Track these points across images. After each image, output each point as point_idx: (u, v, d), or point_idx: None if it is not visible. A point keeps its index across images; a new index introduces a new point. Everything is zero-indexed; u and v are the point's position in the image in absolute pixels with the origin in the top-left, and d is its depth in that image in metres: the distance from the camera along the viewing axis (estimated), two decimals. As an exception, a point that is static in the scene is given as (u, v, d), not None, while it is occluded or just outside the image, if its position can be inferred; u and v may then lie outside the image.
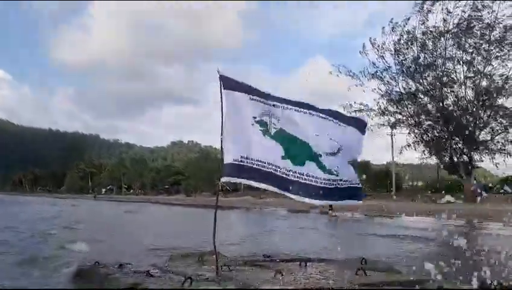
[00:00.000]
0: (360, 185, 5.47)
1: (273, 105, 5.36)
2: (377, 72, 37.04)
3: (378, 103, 38.04)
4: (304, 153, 5.31)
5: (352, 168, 5.52)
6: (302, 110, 5.40)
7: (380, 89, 37.56)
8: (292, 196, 5.28)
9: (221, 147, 5.26)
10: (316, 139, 5.34)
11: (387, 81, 37.32)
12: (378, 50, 36.38)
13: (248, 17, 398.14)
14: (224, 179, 5.32)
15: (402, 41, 35.78)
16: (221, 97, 5.31)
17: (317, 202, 5.38)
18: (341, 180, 5.34)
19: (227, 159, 5.22)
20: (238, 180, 5.37)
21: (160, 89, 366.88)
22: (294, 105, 5.43)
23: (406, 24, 35.15)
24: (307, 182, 5.23)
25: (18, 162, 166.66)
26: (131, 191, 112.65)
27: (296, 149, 5.31)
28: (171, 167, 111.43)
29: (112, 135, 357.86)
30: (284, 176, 5.21)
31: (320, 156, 5.31)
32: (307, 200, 5.31)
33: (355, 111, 37.45)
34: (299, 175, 5.22)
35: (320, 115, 5.43)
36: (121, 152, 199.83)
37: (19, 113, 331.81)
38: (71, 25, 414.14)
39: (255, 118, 5.30)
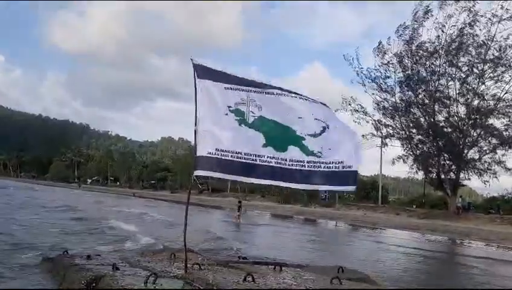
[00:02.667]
0: (352, 169, 5.14)
1: (254, 91, 5.16)
2: (376, 77, 36.95)
3: (374, 110, 38.10)
4: (287, 138, 5.13)
5: (348, 147, 5.23)
6: (284, 93, 5.22)
7: (376, 97, 37.57)
8: (276, 183, 5.12)
9: (195, 139, 5.03)
10: (299, 122, 5.16)
11: (385, 90, 37.31)
12: (382, 56, 36.19)
13: (249, 17, 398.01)
14: (197, 173, 5.08)
15: (397, 56, 35.83)
16: (195, 87, 5.10)
17: (304, 187, 5.29)
18: (326, 162, 5.10)
19: (201, 151, 4.98)
20: (212, 174, 5.13)
21: (154, 82, 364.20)
22: (277, 89, 5.25)
23: (403, 36, 35.21)
24: (292, 167, 5.04)
25: (3, 146, 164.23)
26: (118, 183, 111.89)
27: (279, 135, 5.13)
28: (159, 163, 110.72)
29: (102, 125, 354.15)
30: (266, 164, 5.00)
31: (304, 139, 5.14)
32: (292, 185, 5.19)
33: (351, 110, 37.64)
34: (281, 161, 5.03)
35: (303, 96, 5.26)
36: (110, 144, 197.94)
37: (8, 96, 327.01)
38: (68, 9, 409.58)
39: (229, 107, 5.07)
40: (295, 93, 5.30)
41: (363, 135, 37.98)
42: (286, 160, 5.06)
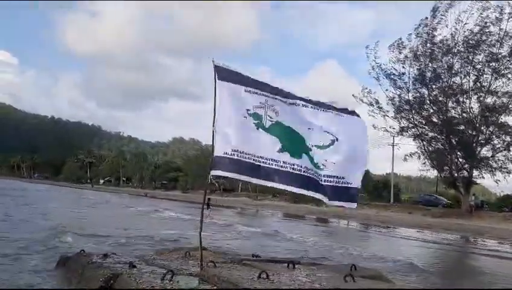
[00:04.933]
0: (354, 186, 5.21)
1: (272, 97, 5.23)
2: (391, 73, 36.76)
3: (388, 106, 37.92)
4: (301, 145, 5.21)
5: (353, 164, 5.28)
6: (298, 102, 5.30)
7: (390, 94, 37.39)
8: (287, 188, 5.17)
9: (213, 139, 5.10)
10: (309, 133, 5.24)
11: (399, 86, 37.14)
12: (398, 52, 35.95)
13: (263, 17, 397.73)
14: (213, 173, 5.15)
15: (412, 51, 35.57)
16: (215, 88, 5.16)
17: (315, 195, 5.23)
18: (330, 175, 5.17)
19: (218, 151, 5.06)
20: (228, 174, 5.19)
21: (166, 82, 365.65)
22: (292, 98, 5.33)
23: (421, 34, 35.01)
24: (305, 174, 5.12)
25: (17, 148, 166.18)
26: (130, 183, 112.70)
27: (294, 142, 5.20)
28: (170, 163, 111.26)
29: (114, 126, 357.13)
30: (280, 169, 5.07)
31: (311, 149, 5.23)
32: (303, 191, 5.21)
33: (367, 103, 37.51)
34: (297, 166, 5.10)
35: (317, 106, 5.33)
36: (122, 145, 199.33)
37: (22, 99, 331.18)
38: (81, 11, 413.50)
39: (248, 110, 5.14)
40: (309, 102, 5.34)
41: (374, 126, 37.98)
42: (301, 166, 5.12)
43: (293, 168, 5.10)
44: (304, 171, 5.12)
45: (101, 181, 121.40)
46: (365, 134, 5.53)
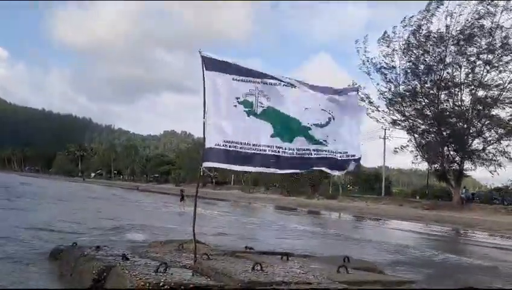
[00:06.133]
0: (356, 157, 5.42)
1: (262, 82, 5.24)
2: (382, 67, 36.89)
3: (379, 100, 38.14)
4: (294, 128, 5.27)
5: (352, 138, 5.50)
6: (293, 85, 5.33)
7: (381, 88, 37.56)
8: (283, 172, 5.33)
9: (204, 131, 5.07)
10: (305, 113, 5.30)
11: (389, 80, 37.29)
12: (388, 45, 36.02)
13: (258, 11, 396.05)
14: (206, 165, 5.14)
15: (405, 44, 35.68)
16: (203, 79, 5.14)
17: (310, 169, 5.62)
18: (332, 151, 5.35)
19: (210, 143, 5.04)
20: (221, 165, 5.18)
21: (158, 76, 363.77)
22: (285, 81, 5.34)
23: (410, 26, 35.09)
24: (299, 155, 5.25)
25: (8, 141, 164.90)
26: (121, 177, 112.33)
27: (286, 126, 5.25)
28: (162, 156, 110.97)
29: (105, 119, 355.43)
30: (274, 154, 5.15)
31: (310, 128, 5.30)
32: (297, 171, 5.48)
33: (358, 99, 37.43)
34: (289, 150, 5.21)
35: (311, 90, 5.37)
36: (113, 138, 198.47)
37: (12, 91, 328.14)
38: (73, 3, 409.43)
39: (238, 98, 5.13)
40: (303, 83, 5.38)
41: (368, 114, 38.05)
42: (293, 149, 5.21)
43: (285, 152, 5.18)
44: (297, 154, 5.23)
45: (92, 174, 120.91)
46: (358, 108, 5.71)
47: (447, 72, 35.52)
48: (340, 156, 5.40)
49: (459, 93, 35.56)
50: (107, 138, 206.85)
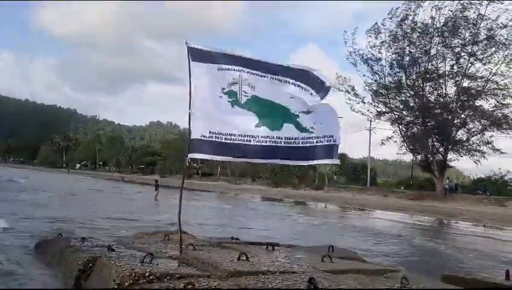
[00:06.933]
0: (335, 143, 5.28)
1: (247, 71, 5.18)
2: (369, 59, 37.10)
3: (365, 91, 38.44)
4: (282, 115, 5.21)
5: (334, 122, 5.37)
6: (275, 76, 5.24)
7: (368, 79, 37.83)
8: (271, 162, 5.39)
9: (189, 122, 5.08)
10: (291, 101, 5.23)
11: (376, 71, 37.56)
12: (376, 36, 36.20)
13: (248, 2, 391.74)
14: (191, 156, 5.15)
15: (391, 36, 35.90)
16: (189, 70, 5.13)
17: (298, 163, 5.42)
18: (317, 137, 5.25)
19: (195, 134, 5.04)
20: (206, 156, 5.18)
21: (144, 66, 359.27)
22: (269, 69, 5.25)
23: (396, 17, 35.28)
24: (287, 145, 5.17)
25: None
26: (106, 168, 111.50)
27: (273, 114, 5.20)
28: (147, 147, 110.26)
29: (90, 110, 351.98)
30: (261, 144, 5.10)
31: (298, 116, 5.23)
32: (287, 162, 5.42)
33: (343, 91, 38.06)
34: (277, 139, 5.14)
35: (291, 81, 5.27)
36: (98, 129, 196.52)
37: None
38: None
39: (223, 89, 5.11)
40: (283, 72, 5.29)
41: (352, 108, 38.46)
42: (281, 138, 5.15)
43: (272, 141, 5.13)
44: (285, 143, 5.16)
45: (77, 165, 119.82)
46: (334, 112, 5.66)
47: (432, 64, 35.86)
48: (327, 141, 5.29)
49: (444, 84, 35.97)
50: (92, 128, 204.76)
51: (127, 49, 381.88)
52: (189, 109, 5.03)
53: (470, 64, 34.32)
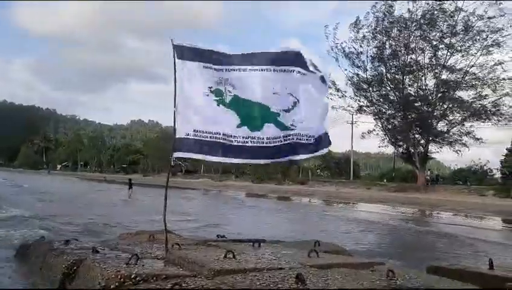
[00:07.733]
0: (325, 132, 5.35)
1: (228, 70, 5.13)
2: (350, 53, 37.34)
3: (346, 86, 38.72)
4: (262, 115, 5.16)
5: (318, 117, 5.40)
6: (259, 67, 5.18)
7: (349, 73, 38.10)
8: (255, 162, 5.31)
9: (174, 120, 5.02)
10: (273, 98, 5.17)
11: (357, 65, 37.87)
12: (358, 31, 36.43)
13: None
14: (176, 155, 5.09)
15: (370, 30, 36.24)
16: (174, 68, 5.06)
17: (283, 160, 5.39)
18: (299, 134, 5.25)
19: (180, 133, 4.98)
20: (191, 155, 5.14)
21: (125, 63, 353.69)
22: (252, 63, 5.18)
23: (378, 12, 35.59)
24: (270, 145, 5.15)
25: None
26: (88, 168, 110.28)
27: (254, 114, 5.15)
28: (129, 146, 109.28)
29: (70, 109, 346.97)
30: (242, 144, 5.06)
31: (278, 114, 5.20)
32: (268, 161, 5.44)
33: None
34: (258, 140, 5.10)
35: (277, 68, 5.23)
36: (78, 128, 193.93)
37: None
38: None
39: (210, 87, 5.05)
40: (268, 60, 5.24)
41: (333, 107, 38.68)
42: (263, 138, 5.11)
43: (253, 142, 5.08)
44: (267, 143, 5.13)
45: (58, 166, 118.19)
46: (325, 88, 5.60)
47: (411, 58, 36.29)
48: (309, 138, 5.33)
49: (423, 77, 36.44)
50: (72, 128, 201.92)
51: (107, 48, 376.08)
52: (174, 107, 4.97)
53: (448, 56, 34.83)
